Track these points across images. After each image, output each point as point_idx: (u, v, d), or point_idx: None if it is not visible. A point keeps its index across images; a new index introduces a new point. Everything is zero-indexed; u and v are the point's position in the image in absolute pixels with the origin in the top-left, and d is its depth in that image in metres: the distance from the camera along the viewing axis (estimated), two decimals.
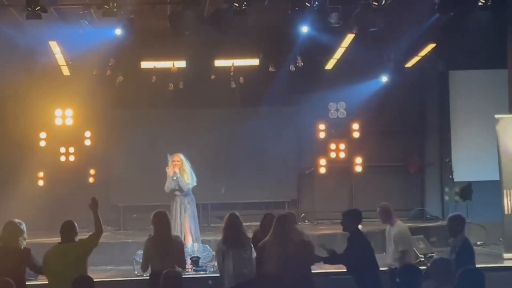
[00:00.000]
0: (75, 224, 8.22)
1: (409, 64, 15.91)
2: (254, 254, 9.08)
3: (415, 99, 17.06)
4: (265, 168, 16.35)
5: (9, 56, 14.20)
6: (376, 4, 11.68)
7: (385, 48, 15.34)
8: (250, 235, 9.44)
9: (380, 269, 9.00)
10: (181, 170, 12.39)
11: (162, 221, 9.02)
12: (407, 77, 16.12)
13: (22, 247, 8.21)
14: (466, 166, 15.74)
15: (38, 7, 10.96)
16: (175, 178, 12.33)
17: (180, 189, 12.37)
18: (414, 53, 15.41)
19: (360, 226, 10.14)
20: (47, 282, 8.10)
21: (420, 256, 12.06)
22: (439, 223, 15.24)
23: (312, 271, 8.74)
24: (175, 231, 12.13)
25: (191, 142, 14.96)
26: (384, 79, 16.03)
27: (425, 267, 7.07)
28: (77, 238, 8.18)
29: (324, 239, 12.37)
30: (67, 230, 8.13)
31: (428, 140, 17.11)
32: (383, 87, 16.04)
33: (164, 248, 8.85)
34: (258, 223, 9.79)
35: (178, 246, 9.04)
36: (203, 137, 15.77)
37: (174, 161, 12.42)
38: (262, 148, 16.17)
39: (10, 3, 11.90)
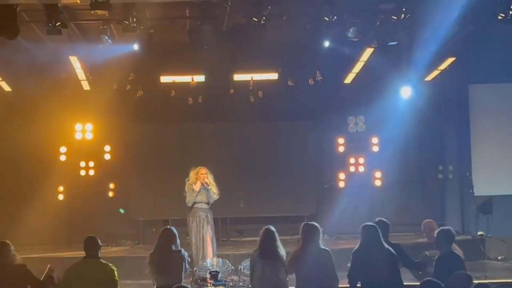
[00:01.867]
0: (98, 238, 8.25)
1: (429, 78, 15.84)
2: None
3: (435, 113, 16.94)
4: (284, 182, 16.33)
5: (30, 71, 14.35)
6: (395, 18, 11.69)
7: (405, 62, 15.28)
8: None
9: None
10: (209, 182, 12.46)
11: (170, 236, 9.22)
12: (427, 91, 16.05)
13: (16, 264, 8.14)
14: (487, 180, 15.64)
15: (59, 23, 11.03)
16: (203, 189, 12.35)
17: (207, 202, 12.40)
18: (434, 67, 15.34)
19: None
20: None
21: None
22: (459, 237, 15.09)
23: None
24: (198, 245, 12.18)
25: (210, 156, 14.94)
26: (404, 92, 15.92)
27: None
28: (100, 253, 8.22)
29: (344, 254, 12.30)
30: (92, 245, 8.19)
31: (448, 154, 17.00)
32: (402, 101, 15.97)
33: (167, 262, 8.99)
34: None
35: (181, 259, 9.20)
36: (222, 151, 15.79)
37: (202, 173, 12.45)
38: (281, 162, 16.17)
39: (31, 19, 12.00)
